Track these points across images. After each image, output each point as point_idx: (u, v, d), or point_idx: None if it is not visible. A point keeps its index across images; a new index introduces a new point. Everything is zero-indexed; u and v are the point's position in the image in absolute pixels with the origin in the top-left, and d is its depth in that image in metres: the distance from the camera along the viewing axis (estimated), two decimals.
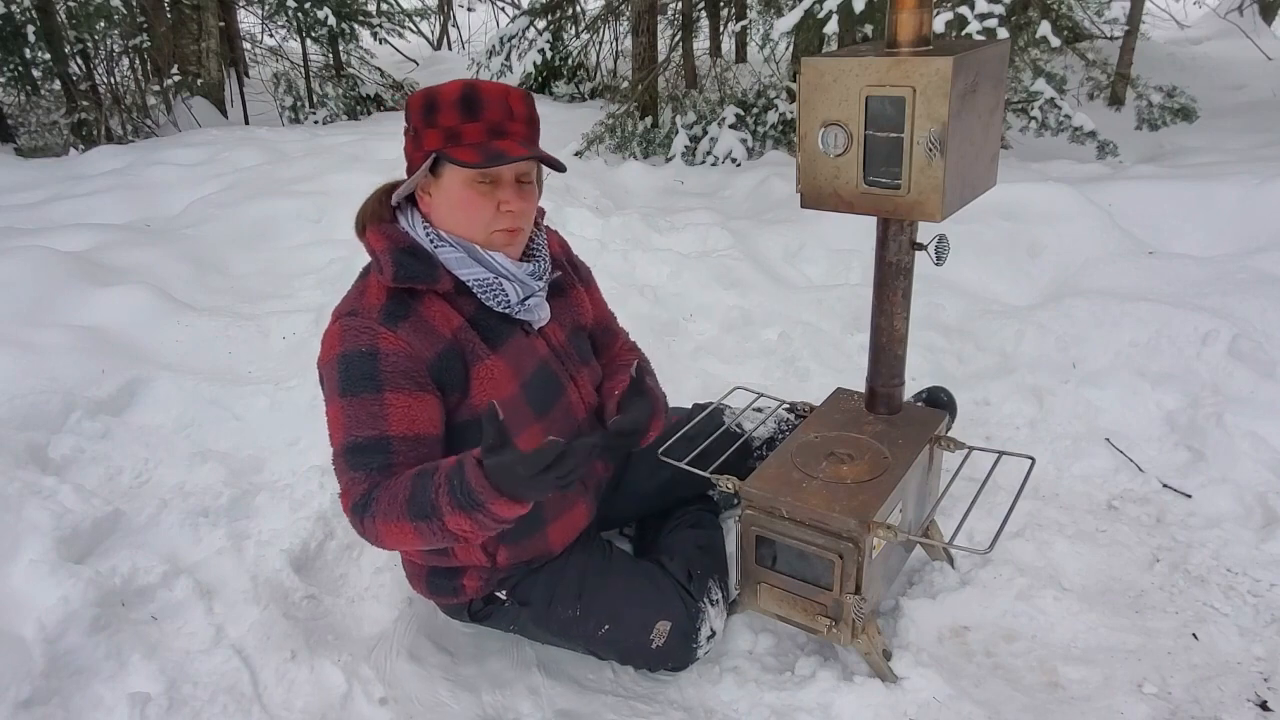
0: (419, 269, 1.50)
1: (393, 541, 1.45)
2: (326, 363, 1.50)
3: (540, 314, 1.63)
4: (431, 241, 1.52)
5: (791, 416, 2.00)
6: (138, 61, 8.72)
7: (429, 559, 1.69)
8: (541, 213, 1.69)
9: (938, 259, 1.65)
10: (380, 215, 1.57)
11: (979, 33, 3.89)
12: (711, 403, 2.01)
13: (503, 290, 1.55)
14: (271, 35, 10.15)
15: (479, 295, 1.54)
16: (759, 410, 2.01)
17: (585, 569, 1.71)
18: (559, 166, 1.50)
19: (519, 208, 1.51)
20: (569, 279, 1.76)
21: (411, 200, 1.59)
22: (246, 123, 8.20)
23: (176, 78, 8.13)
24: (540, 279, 1.61)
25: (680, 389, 2.11)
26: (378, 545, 1.49)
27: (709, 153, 5.41)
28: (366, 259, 1.58)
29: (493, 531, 1.39)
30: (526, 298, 1.58)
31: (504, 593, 1.70)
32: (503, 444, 1.28)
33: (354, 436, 1.45)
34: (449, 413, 1.53)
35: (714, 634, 1.72)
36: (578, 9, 7.87)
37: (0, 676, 1.51)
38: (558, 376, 1.65)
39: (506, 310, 1.57)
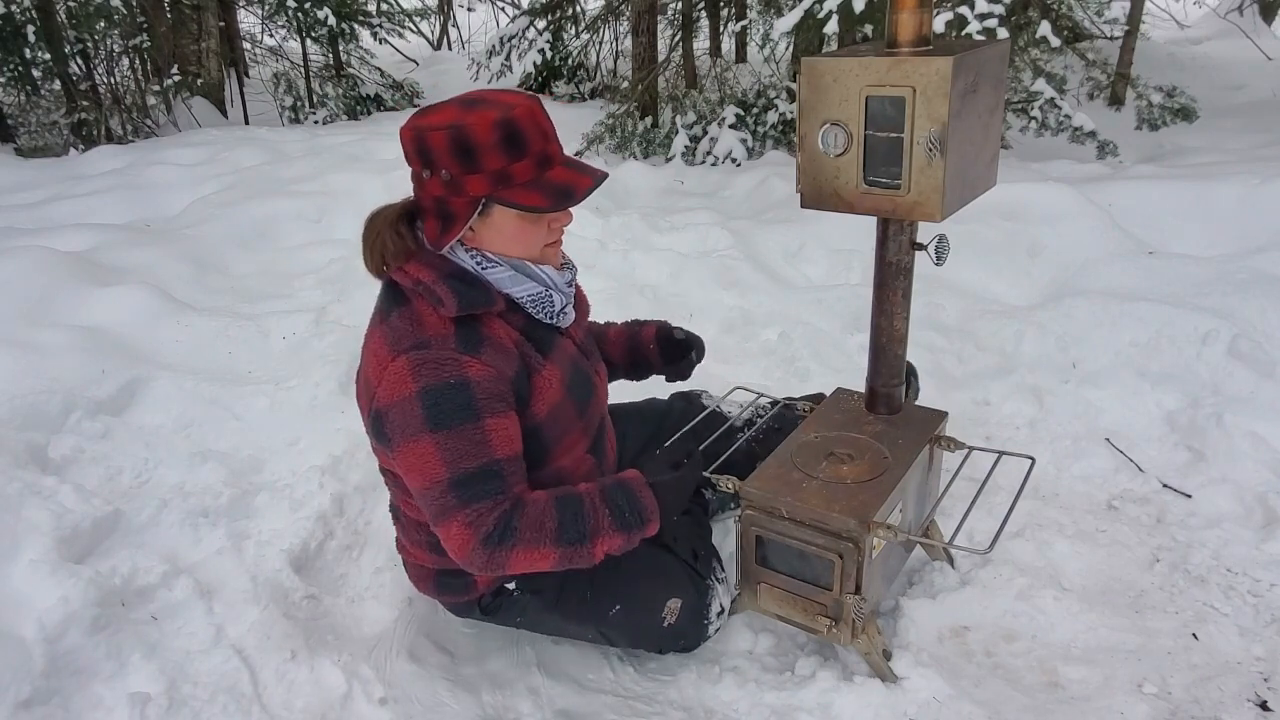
0: (476, 295, 1.48)
1: (522, 567, 1.46)
2: (401, 400, 1.43)
3: (571, 317, 1.67)
4: (479, 264, 1.51)
5: (777, 409, 2.01)
6: (138, 61, 8.72)
7: (440, 561, 1.69)
8: None
9: (938, 259, 1.65)
10: (404, 251, 1.50)
11: (979, 33, 3.89)
12: (695, 390, 2.03)
13: (551, 301, 1.58)
14: (271, 35, 10.15)
15: (529, 309, 1.56)
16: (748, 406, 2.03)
17: None
18: (605, 176, 1.53)
19: (567, 221, 1.56)
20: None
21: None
22: (246, 123, 8.20)
23: (176, 78, 8.12)
24: (571, 286, 1.66)
25: (680, 389, 2.13)
26: (500, 572, 1.48)
27: (709, 153, 5.40)
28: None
29: (621, 551, 1.52)
30: (564, 305, 1.62)
31: (513, 583, 1.71)
32: (662, 469, 1.52)
33: (462, 469, 1.42)
34: None
35: (723, 610, 1.74)
36: (578, 9, 7.87)
37: (0, 676, 1.51)
38: (587, 373, 1.69)
39: (552, 320, 1.60)
